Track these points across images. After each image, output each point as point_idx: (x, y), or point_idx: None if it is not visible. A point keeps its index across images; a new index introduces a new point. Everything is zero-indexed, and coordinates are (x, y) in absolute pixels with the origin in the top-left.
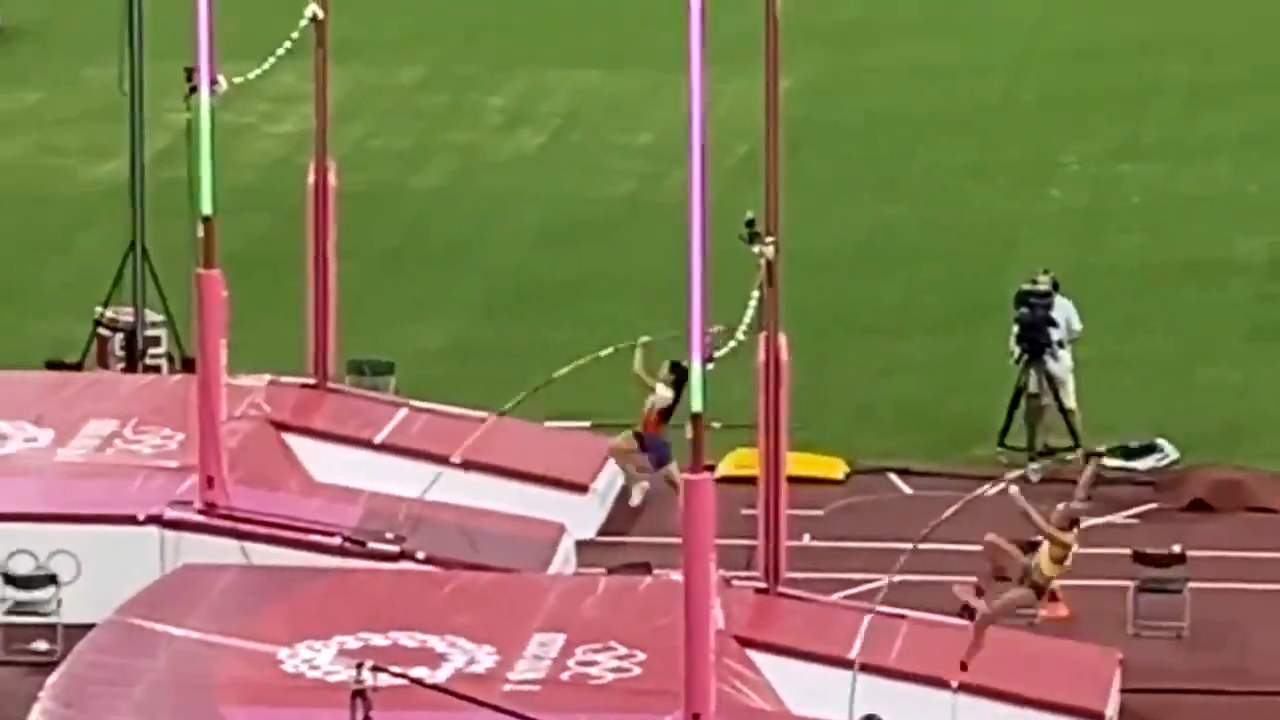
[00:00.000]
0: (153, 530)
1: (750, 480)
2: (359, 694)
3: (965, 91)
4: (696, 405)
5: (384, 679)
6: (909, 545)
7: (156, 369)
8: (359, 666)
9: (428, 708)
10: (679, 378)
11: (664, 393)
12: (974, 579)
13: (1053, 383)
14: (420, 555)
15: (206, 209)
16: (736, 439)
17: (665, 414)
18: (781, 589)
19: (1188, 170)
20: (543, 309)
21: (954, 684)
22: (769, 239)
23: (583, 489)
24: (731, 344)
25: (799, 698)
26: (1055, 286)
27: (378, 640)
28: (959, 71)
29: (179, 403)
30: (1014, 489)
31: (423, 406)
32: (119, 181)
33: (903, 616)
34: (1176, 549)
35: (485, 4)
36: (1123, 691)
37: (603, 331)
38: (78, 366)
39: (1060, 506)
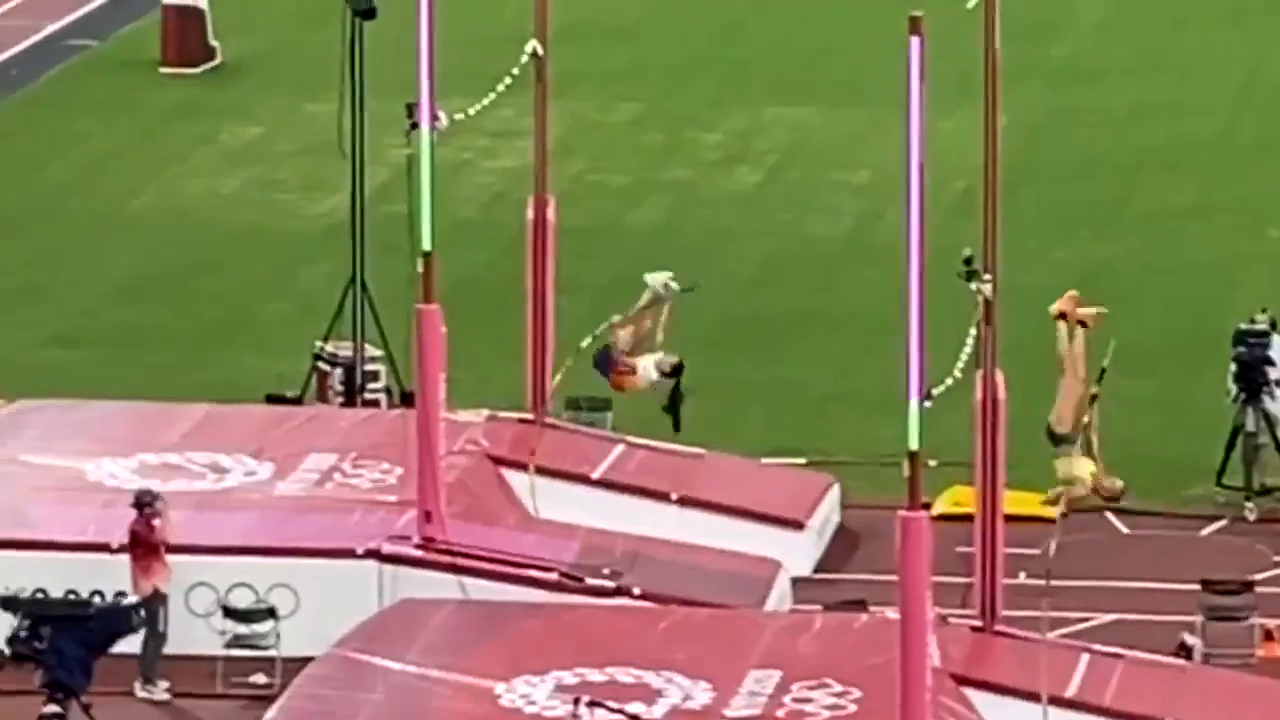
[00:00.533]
0: (371, 564)
1: (966, 518)
2: None
3: (1183, 130)
4: (913, 443)
5: (601, 714)
6: (1127, 584)
7: (375, 403)
8: (575, 701)
9: None
10: (675, 372)
11: (650, 375)
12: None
13: (1270, 422)
14: (636, 591)
15: (426, 244)
16: (953, 476)
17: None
18: (997, 627)
19: None
20: (759, 345)
21: None
22: (987, 276)
23: (799, 525)
24: (949, 381)
25: None
26: (1274, 325)
27: (594, 676)
28: (1176, 110)
29: (398, 437)
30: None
31: (639, 442)
32: (339, 217)
33: (1119, 655)
34: None
35: (703, 41)
36: None
37: (822, 368)
38: (298, 400)
39: None
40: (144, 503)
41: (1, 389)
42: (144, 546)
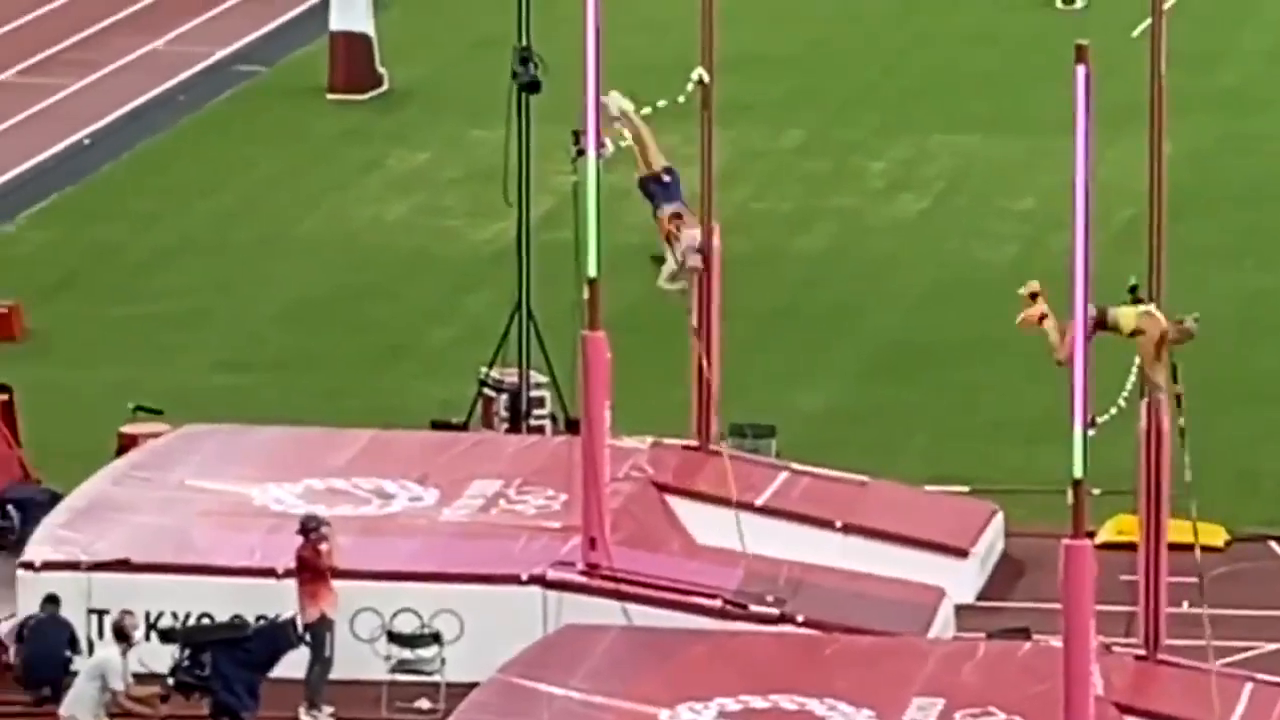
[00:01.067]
0: (536, 590)
1: (1130, 546)
2: None
3: None
4: (1078, 471)
5: None
6: None
7: (540, 430)
8: None
9: None
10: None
11: (687, 257)
12: None
13: None
14: (800, 618)
15: (592, 271)
16: (1117, 505)
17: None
18: (1161, 656)
19: None
20: (925, 373)
21: None
22: (1151, 304)
23: (963, 553)
24: (1113, 410)
25: None
26: None
27: (758, 703)
28: None
29: (562, 463)
30: None
31: (804, 469)
32: (505, 243)
33: None
34: None
35: (867, 69)
36: None
37: (986, 395)
38: (463, 426)
39: None
40: (310, 528)
41: (168, 414)
42: (311, 572)
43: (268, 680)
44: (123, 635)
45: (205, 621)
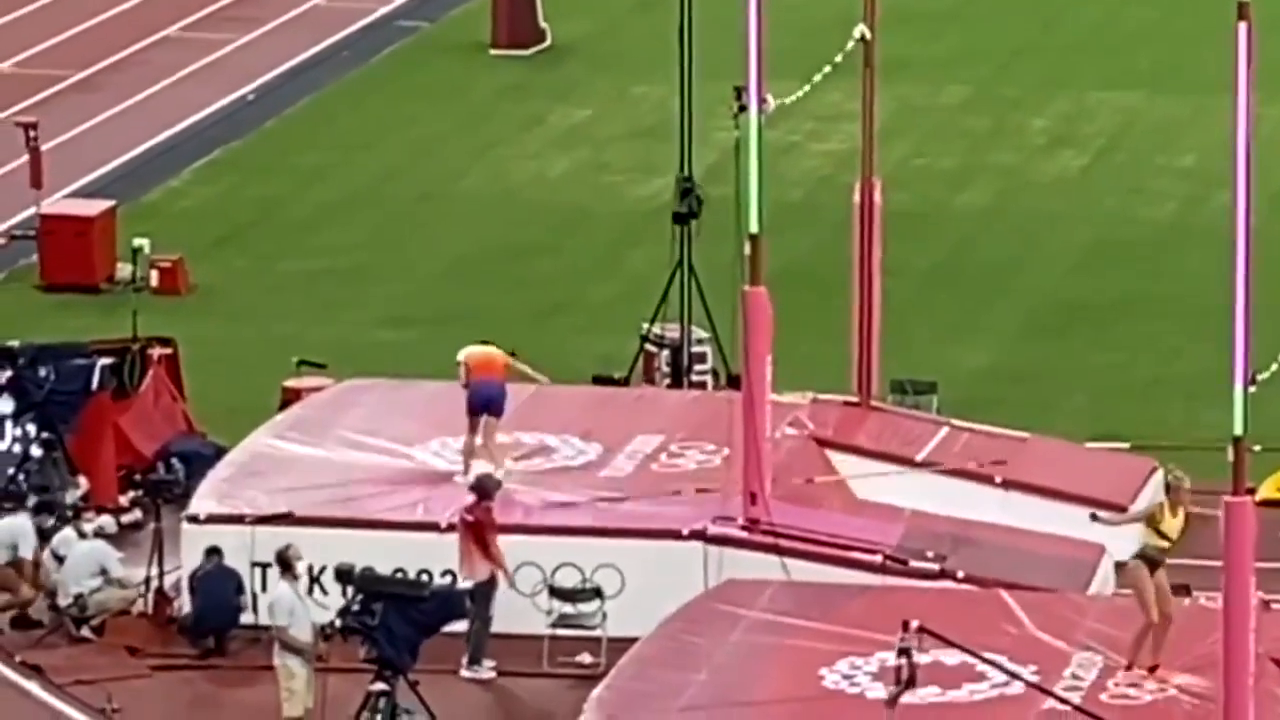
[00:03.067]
0: (696, 545)
1: None
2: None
3: None
4: (1238, 428)
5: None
6: None
7: (702, 385)
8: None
9: None
10: None
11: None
12: None
13: None
14: (960, 574)
15: (753, 226)
16: (1277, 462)
17: None
18: None
19: None
20: (1085, 330)
21: None
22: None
23: (1122, 509)
24: (1274, 366)
25: None
26: None
27: (919, 658)
28: None
29: (723, 419)
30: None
31: (964, 425)
32: (666, 199)
33: None
34: None
35: (1029, 26)
36: None
37: (1146, 353)
38: (625, 382)
39: None
40: (488, 490)
41: (331, 368)
42: (483, 531)
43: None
44: (287, 566)
45: (374, 573)
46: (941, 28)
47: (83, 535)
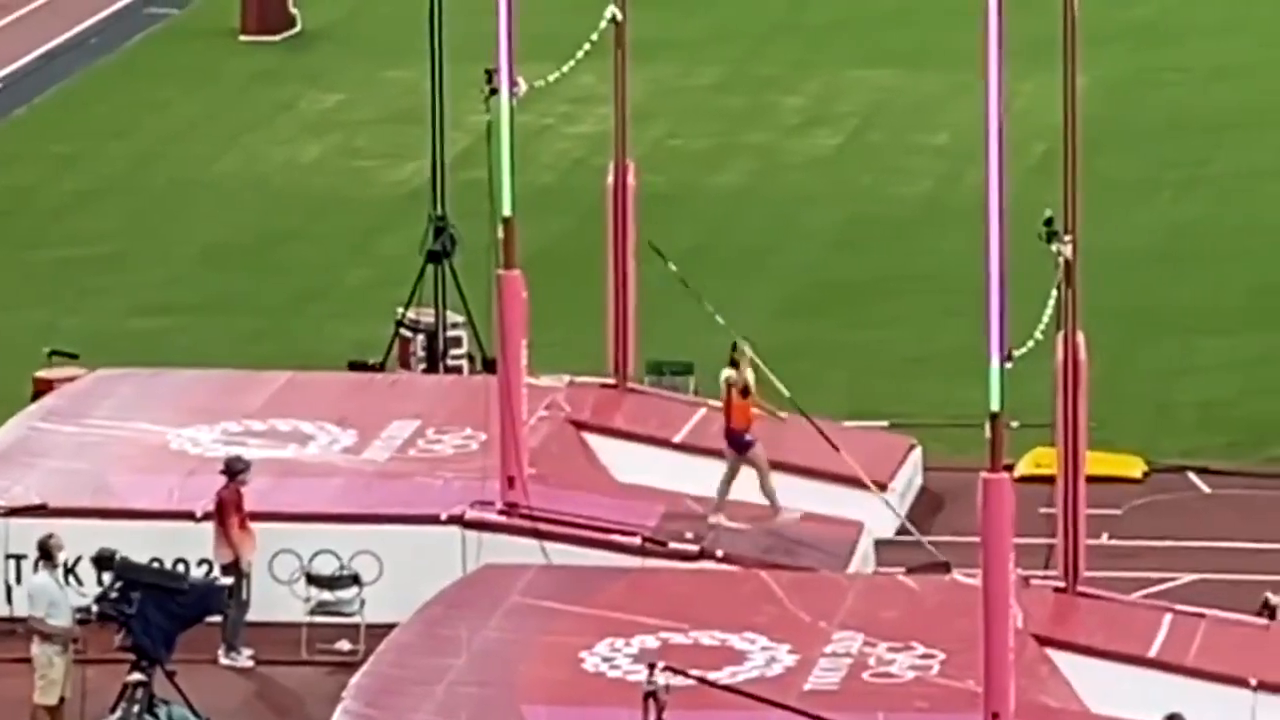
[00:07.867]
0: (454, 530)
1: (1048, 479)
2: (651, 695)
3: (1265, 90)
4: (995, 404)
5: (679, 680)
6: (1209, 544)
7: (458, 370)
8: (650, 668)
9: (724, 707)
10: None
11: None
12: None
13: None
14: (719, 554)
15: (506, 210)
16: (1034, 438)
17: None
18: (1080, 588)
19: None
20: (842, 309)
21: (1254, 682)
22: (1067, 238)
23: (881, 487)
24: (1030, 343)
25: (1098, 697)
26: None
27: (678, 639)
28: (1259, 70)
29: (480, 403)
30: None
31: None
32: (419, 183)
33: (1202, 615)
34: None
35: (782, 5)
36: None
37: (903, 330)
38: (380, 367)
39: None
40: (237, 470)
41: (84, 358)
42: (231, 514)
43: None
44: (48, 555)
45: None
46: (694, 7)
47: None
